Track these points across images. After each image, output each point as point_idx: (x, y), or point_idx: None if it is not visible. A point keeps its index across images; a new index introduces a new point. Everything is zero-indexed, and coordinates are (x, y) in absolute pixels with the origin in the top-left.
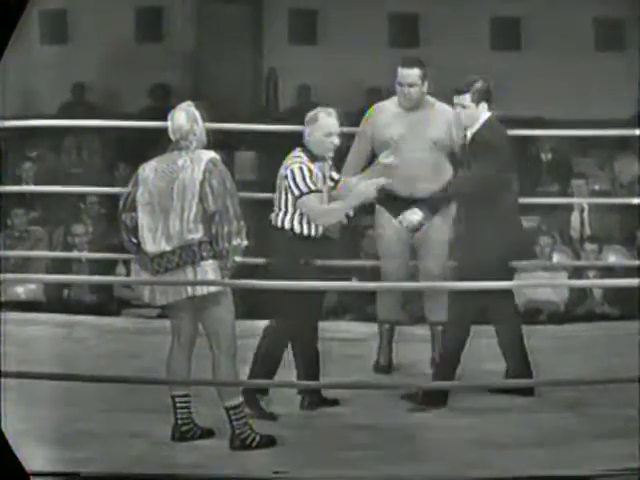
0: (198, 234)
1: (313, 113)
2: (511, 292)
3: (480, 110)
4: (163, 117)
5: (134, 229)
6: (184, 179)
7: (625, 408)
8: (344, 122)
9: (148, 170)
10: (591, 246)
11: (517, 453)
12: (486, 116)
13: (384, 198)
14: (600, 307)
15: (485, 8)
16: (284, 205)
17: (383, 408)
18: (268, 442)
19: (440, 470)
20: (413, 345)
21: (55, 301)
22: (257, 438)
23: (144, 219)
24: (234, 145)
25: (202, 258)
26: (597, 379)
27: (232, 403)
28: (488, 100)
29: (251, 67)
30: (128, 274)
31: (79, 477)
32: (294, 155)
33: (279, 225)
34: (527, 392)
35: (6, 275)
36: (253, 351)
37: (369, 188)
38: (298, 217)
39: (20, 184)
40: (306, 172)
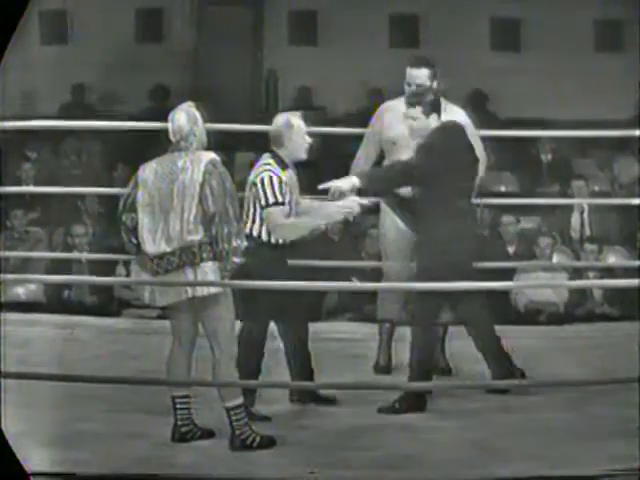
0: (198, 235)
1: (284, 120)
2: (479, 294)
3: (431, 122)
4: (163, 118)
5: (134, 230)
6: (184, 180)
7: (625, 408)
8: (344, 123)
9: (148, 171)
10: (591, 247)
11: (517, 453)
12: (435, 124)
13: (389, 198)
14: (600, 308)
15: (485, 9)
16: (252, 214)
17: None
18: (268, 442)
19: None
20: None
21: (55, 302)
22: (257, 439)
23: (144, 220)
24: (234, 146)
25: (202, 259)
26: (597, 379)
27: (232, 404)
28: (439, 111)
29: (251, 68)
30: (128, 275)
31: (79, 477)
32: (264, 162)
33: (248, 232)
34: (503, 390)
35: (6, 275)
36: None
37: (339, 212)
38: (266, 226)
39: (20, 185)
40: (276, 182)
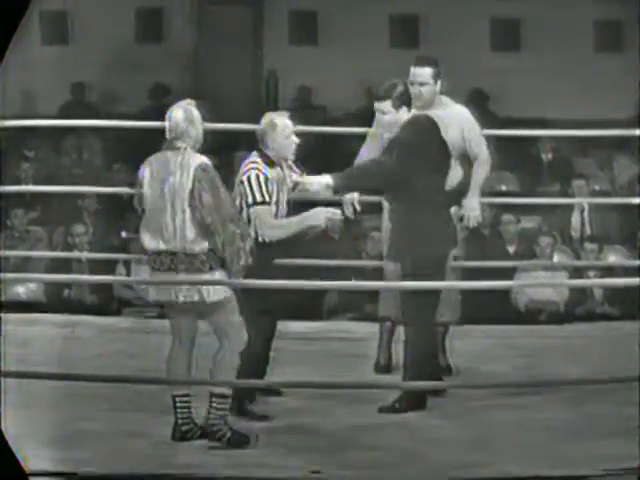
0: (200, 245)
1: (268, 120)
2: (421, 294)
3: (400, 115)
4: (163, 117)
5: None
6: (174, 183)
7: (625, 407)
8: (344, 123)
9: (146, 168)
10: (591, 246)
11: (517, 453)
12: (406, 117)
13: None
14: (600, 307)
15: (485, 9)
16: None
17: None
18: (240, 442)
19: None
20: None
21: (56, 301)
22: (228, 434)
23: (143, 216)
24: (234, 145)
25: (210, 268)
26: (597, 378)
27: (221, 391)
28: (408, 105)
29: (251, 68)
30: (128, 274)
31: (78, 477)
32: (251, 160)
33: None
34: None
35: (6, 275)
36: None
37: (321, 217)
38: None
39: (19, 184)
40: (262, 180)
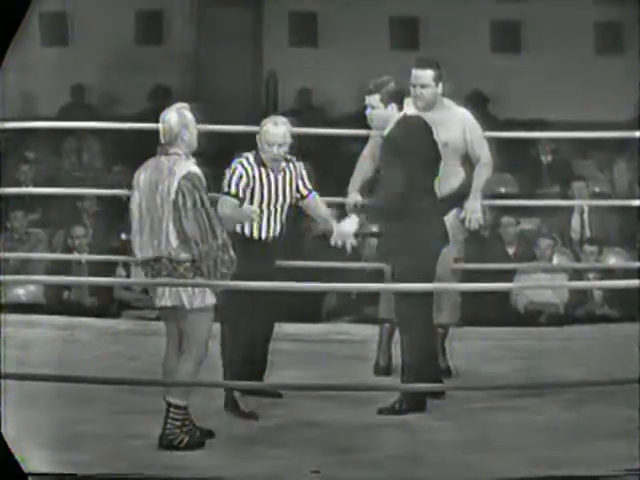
0: (184, 255)
1: (264, 121)
2: (410, 295)
3: (389, 112)
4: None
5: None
6: (162, 191)
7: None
8: (344, 124)
9: (140, 173)
10: (591, 248)
11: (517, 455)
12: (398, 116)
13: None
14: (600, 309)
15: (485, 11)
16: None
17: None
18: (196, 444)
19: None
20: None
21: (55, 303)
22: (185, 440)
23: (133, 222)
24: (234, 147)
25: (192, 277)
26: (597, 380)
27: (175, 401)
28: (399, 102)
29: (251, 69)
30: (128, 276)
31: (77, 478)
32: (243, 154)
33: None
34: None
35: (6, 277)
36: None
37: (249, 217)
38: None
39: (20, 186)
40: (238, 173)
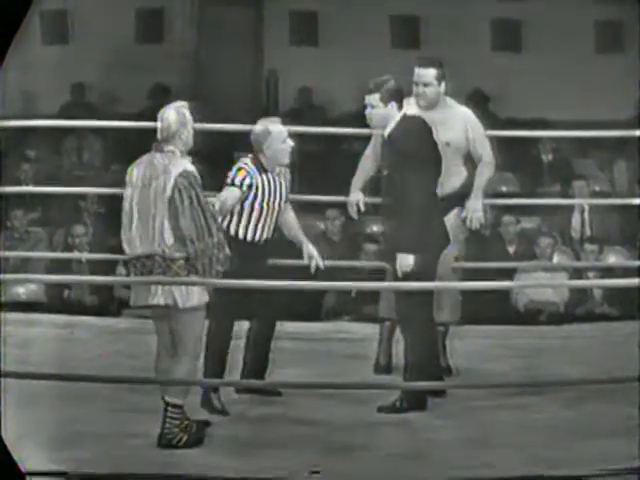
0: (178, 253)
1: (262, 128)
2: (410, 294)
3: (389, 110)
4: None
5: None
6: (156, 188)
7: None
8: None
9: (133, 169)
10: (591, 247)
11: (517, 452)
12: (398, 116)
13: None
14: (600, 307)
15: (486, 10)
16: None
17: None
18: (195, 442)
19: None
20: None
21: (56, 302)
22: (184, 438)
23: (123, 219)
24: (234, 146)
25: (186, 275)
26: (596, 379)
27: (173, 401)
28: (398, 101)
29: (251, 68)
30: (128, 275)
31: (75, 477)
32: (243, 160)
33: (224, 229)
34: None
35: (5, 275)
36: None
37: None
38: (243, 222)
39: (20, 185)
40: (243, 173)
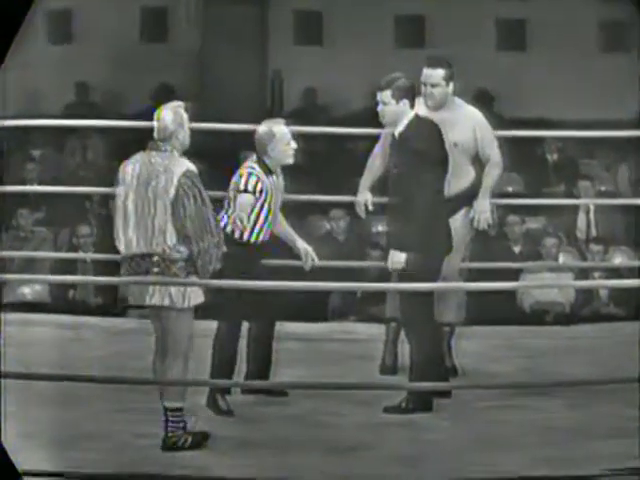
0: (179, 253)
1: (266, 130)
2: (413, 294)
3: (401, 107)
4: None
5: None
6: (156, 187)
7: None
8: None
9: (127, 168)
10: (597, 247)
11: (521, 452)
12: (410, 115)
13: None
14: (606, 308)
15: (491, 9)
16: (231, 210)
17: None
18: (199, 442)
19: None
20: None
21: (61, 302)
22: (189, 439)
23: (117, 218)
24: (239, 145)
25: (185, 276)
26: (597, 379)
27: (172, 405)
28: (410, 98)
29: (256, 68)
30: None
31: (72, 477)
32: (248, 165)
33: (223, 228)
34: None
35: (7, 276)
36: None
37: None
38: (249, 225)
39: (25, 184)
40: (253, 177)
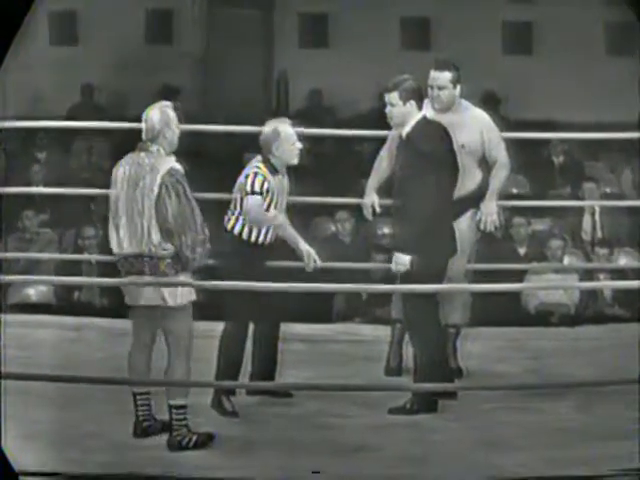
0: (166, 251)
1: (271, 129)
2: (421, 297)
3: (408, 109)
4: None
5: None
6: (143, 187)
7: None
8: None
9: (118, 169)
10: (602, 249)
11: (525, 453)
12: (418, 117)
13: None
14: (611, 309)
15: (497, 12)
16: (238, 211)
17: None
18: (205, 441)
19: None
20: None
21: (65, 303)
22: (193, 439)
23: (110, 218)
24: (244, 147)
25: (174, 273)
26: (597, 380)
27: (177, 402)
28: (417, 99)
29: (262, 70)
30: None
31: (69, 477)
32: (254, 165)
33: (229, 230)
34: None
35: (9, 277)
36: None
37: (276, 223)
38: (248, 224)
39: (30, 186)
40: (259, 177)
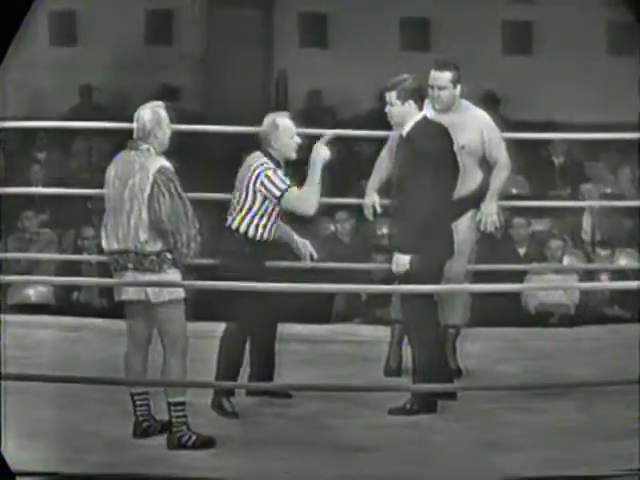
0: (157, 246)
1: (270, 121)
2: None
3: (407, 108)
4: (172, 120)
5: None
6: (133, 185)
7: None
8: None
9: (111, 169)
10: (602, 249)
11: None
12: (418, 117)
13: None
14: (611, 310)
15: (497, 12)
16: (247, 209)
17: None
18: (205, 443)
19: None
20: None
21: (65, 304)
22: (193, 438)
23: (104, 216)
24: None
25: (165, 268)
26: (597, 381)
27: (175, 400)
28: (417, 99)
29: (261, 70)
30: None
31: (67, 477)
32: (262, 161)
33: (234, 228)
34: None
35: (8, 277)
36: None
37: (318, 149)
38: (256, 221)
39: (30, 186)
40: (278, 172)
